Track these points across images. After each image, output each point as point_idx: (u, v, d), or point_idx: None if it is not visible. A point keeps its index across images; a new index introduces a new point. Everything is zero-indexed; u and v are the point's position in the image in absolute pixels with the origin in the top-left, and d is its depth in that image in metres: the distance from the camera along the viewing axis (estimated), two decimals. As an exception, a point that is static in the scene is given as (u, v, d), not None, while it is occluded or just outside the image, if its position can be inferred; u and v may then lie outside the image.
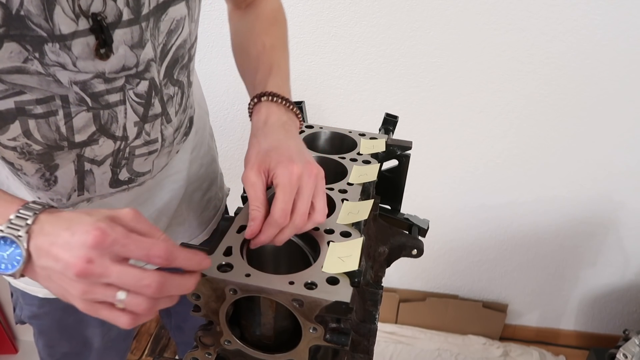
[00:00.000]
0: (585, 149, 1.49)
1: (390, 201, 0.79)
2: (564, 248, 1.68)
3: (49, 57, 0.50)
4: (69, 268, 0.42)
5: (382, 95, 1.47)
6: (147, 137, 0.64)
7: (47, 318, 0.84)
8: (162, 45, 0.59)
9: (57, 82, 0.53)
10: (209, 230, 0.89)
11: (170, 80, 0.63)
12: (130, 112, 0.60)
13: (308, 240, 0.56)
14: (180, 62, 0.63)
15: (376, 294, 0.61)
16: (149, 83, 0.59)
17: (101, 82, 0.55)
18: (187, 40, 0.62)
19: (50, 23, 0.48)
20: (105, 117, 0.58)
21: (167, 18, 0.57)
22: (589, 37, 1.32)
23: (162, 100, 0.63)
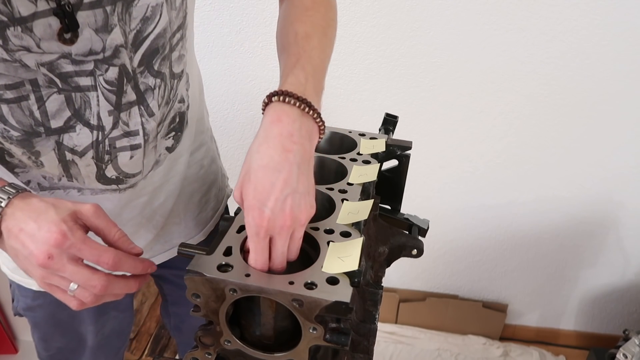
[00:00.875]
0: (585, 149, 1.49)
1: (390, 201, 0.79)
2: (564, 248, 1.68)
3: (13, 42, 0.50)
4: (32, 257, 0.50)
5: (382, 95, 1.47)
6: (125, 128, 0.62)
7: (41, 311, 0.84)
8: (135, 32, 0.57)
9: (24, 67, 0.53)
10: (206, 232, 0.89)
11: (149, 70, 0.61)
12: (102, 99, 0.59)
13: (308, 240, 0.56)
14: (161, 53, 0.61)
15: (376, 294, 0.61)
16: (119, 70, 0.58)
17: (68, 63, 0.55)
18: (166, 29, 0.59)
19: (8, 6, 0.48)
20: (78, 102, 0.58)
21: (139, 4, 0.55)
22: (589, 37, 1.32)
23: (137, 88, 0.60)
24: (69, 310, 0.83)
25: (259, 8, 1.36)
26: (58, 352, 0.91)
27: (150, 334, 1.76)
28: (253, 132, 1.55)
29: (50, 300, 0.82)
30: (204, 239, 0.88)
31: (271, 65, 1.44)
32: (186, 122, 0.74)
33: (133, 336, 1.71)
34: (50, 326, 0.87)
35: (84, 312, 0.85)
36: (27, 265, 0.53)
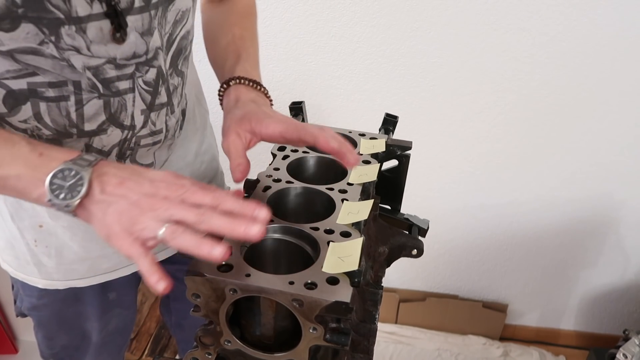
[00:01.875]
0: (585, 149, 1.49)
1: (390, 201, 0.79)
2: (564, 248, 1.68)
3: (65, 41, 0.52)
4: (136, 188, 0.46)
5: (382, 95, 1.47)
6: (152, 127, 0.66)
7: (47, 309, 0.84)
8: (168, 35, 0.61)
9: (71, 67, 0.54)
10: None
11: (175, 70, 0.65)
12: (138, 100, 0.62)
13: (308, 240, 0.56)
14: (184, 53, 0.66)
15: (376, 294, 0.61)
16: (156, 71, 0.61)
17: (112, 68, 0.57)
18: (190, 31, 0.65)
19: (67, 4, 0.50)
20: (115, 106, 0.60)
21: (173, 8, 0.60)
22: (589, 37, 1.32)
23: (168, 89, 0.65)
24: (75, 307, 0.84)
25: (259, 8, 1.35)
26: (62, 350, 0.92)
27: (150, 334, 1.76)
28: (253, 132, 1.55)
29: (55, 298, 0.82)
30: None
31: (270, 65, 1.44)
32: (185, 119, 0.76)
33: (133, 336, 1.71)
34: (55, 324, 0.87)
35: (89, 310, 0.86)
36: (133, 211, 0.45)
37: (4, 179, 0.49)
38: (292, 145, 0.68)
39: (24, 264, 0.78)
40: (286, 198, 0.64)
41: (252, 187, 0.64)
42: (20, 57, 0.52)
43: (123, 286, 0.86)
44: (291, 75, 1.45)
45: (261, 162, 0.64)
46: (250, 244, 0.55)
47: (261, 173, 0.67)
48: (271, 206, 0.60)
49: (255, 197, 0.62)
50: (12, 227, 0.74)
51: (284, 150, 0.72)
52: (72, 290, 0.81)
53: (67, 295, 0.82)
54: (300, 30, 1.38)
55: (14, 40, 0.50)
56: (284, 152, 0.72)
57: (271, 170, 0.68)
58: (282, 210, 0.63)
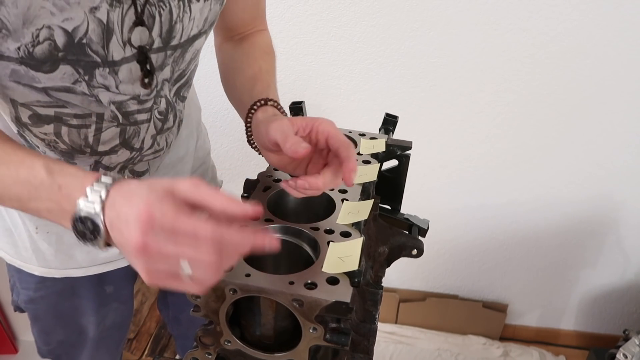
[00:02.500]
0: (586, 149, 1.49)
1: (390, 201, 0.79)
2: (564, 248, 1.68)
3: (97, 80, 0.56)
4: (128, 244, 0.42)
5: (382, 95, 1.47)
6: (157, 147, 0.70)
7: (43, 302, 0.85)
8: (180, 71, 0.66)
9: (98, 102, 0.59)
10: None
11: (178, 97, 0.70)
12: (151, 127, 0.66)
13: (308, 240, 0.56)
14: (188, 83, 0.71)
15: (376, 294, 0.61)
16: (165, 101, 0.66)
17: (135, 104, 0.62)
18: (197, 65, 0.70)
19: (105, 50, 0.54)
20: (130, 132, 0.65)
21: (191, 49, 0.64)
22: (589, 37, 1.32)
23: (176, 116, 0.70)
24: (71, 302, 0.85)
25: (259, 8, 1.35)
26: (58, 346, 0.92)
27: (150, 334, 1.76)
28: (253, 132, 1.55)
29: (52, 290, 0.83)
30: None
31: (271, 65, 1.44)
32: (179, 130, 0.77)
33: (133, 336, 1.71)
34: (52, 318, 0.88)
35: (85, 304, 0.86)
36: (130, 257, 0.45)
37: (37, 212, 0.49)
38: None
39: (22, 251, 0.79)
40: (286, 198, 0.65)
41: (252, 187, 0.64)
42: (53, 94, 0.56)
43: (120, 279, 0.87)
44: (291, 75, 1.45)
45: (261, 162, 0.63)
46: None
47: (261, 173, 0.67)
48: (271, 206, 0.61)
49: (255, 197, 0.62)
50: (12, 215, 0.76)
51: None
52: (68, 282, 0.82)
53: (63, 288, 0.83)
54: (300, 30, 1.38)
55: (51, 79, 0.54)
56: (284, 152, 0.72)
57: (271, 170, 0.68)
58: (282, 210, 0.63)
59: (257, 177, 0.66)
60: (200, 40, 0.65)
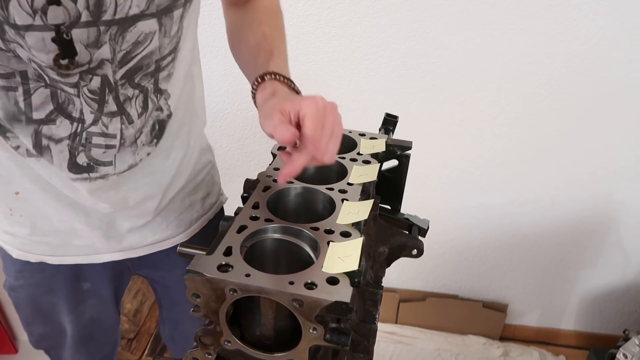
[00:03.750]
0: (586, 149, 1.49)
1: (390, 201, 0.79)
2: (564, 248, 1.68)
3: (9, 35, 0.53)
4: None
5: (382, 95, 1.47)
6: (104, 129, 0.66)
7: (23, 292, 0.86)
8: (124, 52, 0.62)
9: (17, 58, 0.56)
10: (189, 233, 0.89)
11: (129, 83, 0.65)
12: (84, 104, 0.63)
13: (308, 240, 0.56)
14: (145, 70, 0.66)
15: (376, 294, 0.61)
16: (101, 79, 0.61)
17: (54, 74, 0.58)
18: (154, 52, 0.65)
19: (5, 11, 0.51)
20: (62, 97, 0.61)
21: (135, 30, 0.60)
22: (589, 37, 1.32)
23: (118, 99, 0.65)
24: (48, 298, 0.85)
25: (259, 8, 1.36)
26: (41, 339, 0.93)
27: (150, 334, 1.76)
28: (253, 132, 1.55)
29: (30, 282, 0.84)
30: (187, 240, 0.89)
31: (271, 65, 1.44)
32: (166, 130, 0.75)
33: (133, 336, 1.71)
34: (31, 310, 0.89)
35: (62, 302, 0.86)
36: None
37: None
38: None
39: (1, 232, 0.80)
40: (286, 198, 0.65)
41: (252, 187, 0.64)
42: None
43: (97, 278, 0.87)
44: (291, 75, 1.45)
45: (261, 162, 0.63)
46: (251, 244, 0.55)
47: (261, 173, 0.67)
48: (271, 206, 0.61)
49: (255, 198, 0.62)
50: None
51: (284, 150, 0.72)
52: (46, 275, 0.82)
53: (41, 280, 0.83)
54: (300, 30, 1.38)
55: None
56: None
57: (271, 170, 0.68)
58: (282, 210, 0.63)
59: (257, 177, 0.66)
60: (145, 23, 0.60)
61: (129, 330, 1.69)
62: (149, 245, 0.85)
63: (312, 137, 0.55)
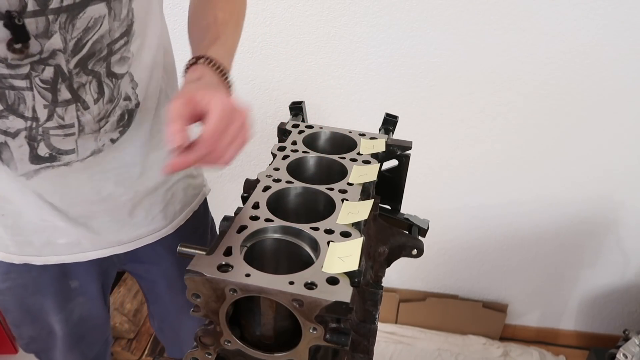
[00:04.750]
0: (586, 149, 1.49)
1: (390, 201, 0.79)
2: (564, 248, 1.68)
3: None
4: None
5: (382, 95, 1.47)
6: (61, 121, 0.65)
7: (10, 294, 0.85)
8: (76, 40, 0.61)
9: None
10: (175, 226, 0.89)
11: (84, 70, 0.64)
12: (38, 97, 0.62)
13: (308, 240, 0.56)
14: (97, 55, 0.65)
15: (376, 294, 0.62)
16: (54, 69, 0.61)
17: (4, 67, 0.57)
18: (105, 35, 0.64)
19: None
20: (12, 98, 0.61)
21: (84, 16, 0.59)
22: (589, 37, 1.32)
23: (72, 87, 0.64)
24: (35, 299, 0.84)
25: (259, 8, 1.36)
26: (31, 342, 0.92)
27: (150, 334, 1.76)
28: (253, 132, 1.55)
29: (17, 283, 0.83)
30: (173, 232, 0.88)
31: (271, 65, 1.44)
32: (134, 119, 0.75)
33: (133, 336, 1.71)
34: (19, 312, 0.88)
35: (50, 302, 0.86)
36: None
37: None
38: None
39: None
40: (286, 198, 0.65)
41: (252, 187, 0.64)
42: None
43: (83, 275, 0.86)
44: (291, 75, 1.45)
45: (261, 162, 0.63)
46: (251, 244, 0.55)
47: (261, 173, 0.67)
48: (271, 206, 0.61)
49: (255, 198, 0.62)
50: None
51: (284, 150, 0.72)
52: (32, 275, 0.81)
53: (27, 282, 0.82)
54: (300, 30, 1.38)
55: None
56: (284, 152, 0.72)
57: (271, 170, 0.68)
58: (282, 210, 0.63)
59: (257, 177, 0.66)
60: (94, 8, 0.59)
61: (129, 330, 1.69)
62: (135, 240, 0.85)
63: (209, 139, 0.54)
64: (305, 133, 0.77)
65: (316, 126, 0.79)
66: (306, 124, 0.79)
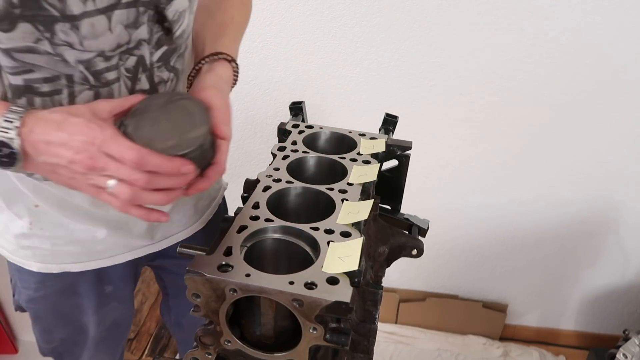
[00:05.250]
0: (585, 149, 1.49)
1: (390, 201, 0.79)
2: (564, 248, 1.68)
3: (59, 37, 0.54)
4: (74, 163, 0.51)
5: (382, 95, 1.47)
6: None
7: (43, 302, 0.84)
8: (160, 33, 0.64)
9: (64, 62, 0.57)
10: (204, 220, 0.90)
11: (165, 65, 0.67)
12: (123, 87, 0.64)
13: (308, 240, 0.56)
14: (178, 51, 0.68)
15: (376, 294, 0.62)
16: (136, 59, 0.63)
17: (102, 60, 0.60)
18: (185, 30, 0.67)
19: (62, 3, 0.52)
20: (104, 95, 0.63)
21: (170, 9, 0.62)
22: (588, 37, 1.32)
23: (152, 79, 0.67)
24: (71, 301, 0.85)
25: (259, 8, 1.36)
26: (61, 344, 0.92)
27: (150, 334, 1.76)
28: (253, 132, 1.55)
29: (52, 290, 0.82)
30: (203, 227, 0.90)
31: (271, 65, 1.44)
32: None
33: (133, 336, 1.71)
34: (53, 317, 0.87)
35: (86, 303, 0.86)
36: (69, 174, 0.53)
37: None
38: None
39: (19, 248, 0.78)
40: (286, 198, 0.65)
41: (252, 187, 0.64)
42: (17, 56, 0.55)
43: (119, 279, 0.86)
44: (291, 75, 1.45)
45: (261, 162, 0.64)
46: (251, 244, 0.56)
47: (261, 173, 0.67)
48: (271, 206, 0.61)
49: (255, 198, 0.62)
50: (7, 213, 0.75)
51: (284, 150, 0.73)
52: (68, 281, 0.81)
53: (63, 287, 0.82)
54: (300, 30, 1.38)
55: (12, 40, 0.53)
56: (284, 152, 0.72)
57: (271, 170, 0.68)
58: (282, 210, 0.63)
59: (257, 177, 0.66)
60: (178, 1, 0.63)
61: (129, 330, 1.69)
62: (168, 237, 0.86)
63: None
64: (305, 133, 0.77)
65: (316, 126, 0.79)
66: (306, 124, 0.79)
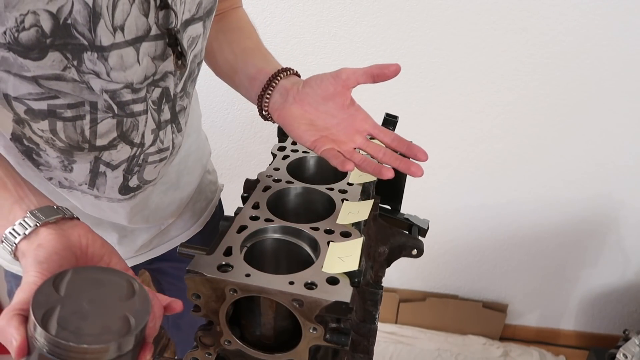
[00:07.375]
0: (586, 149, 1.49)
1: (390, 201, 0.79)
2: (564, 248, 1.68)
3: (86, 65, 0.54)
4: None
5: (382, 95, 1.47)
6: (160, 145, 0.68)
7: None
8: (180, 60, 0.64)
9: (90, 89, 0.56)
10: (202, 223, 0.90)
11: (185, 92, 0.67)
12: (150, 120, 0.64)
13: (308, 240, 0.56)
14: (192, 76, 0.68)
15: (376, 294, 0.62)
16: (162, 90, 0.63)
17: (129, 92, 0.59)
18: (198, 55, 0.67)
19: (92, 34, 0.52)
20: (127, 125, 0.62)
21: (186, 35, 0.62)
22: (589, 37, 1.32)
23: (174, 108, 0.66)
24: None
25: (259, 8, 1.36)
26: None
27: (150, 334, 1.76)
28: (253, 132, 1.55)
29: None
30: (201, 229, 0.90)
31: (271, 65, 1.44)
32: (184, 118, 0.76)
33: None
34: None
35: None
36: None
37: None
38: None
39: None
40: (286, 198, 0.65)
41: (252, 187, 0.64)
42: (43, 83, 0.54)
43: None
44: (291, 75, 1.45)
45: (261, 162, 0.64)
46: (251, 244, 0.56)
47: (261, 173, 0.67)
48: (271, 206, 0.61)
49: (255, 198, 0.62)
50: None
51: (284, 150, 0.73)
52: None
53: None
54: (300, 30, 1.38)
55: (40, 67, 0.52)
56: (284, 152, 0.72)
57: (271, 170, 0.68)
58: (282, 210, 0.63)
59: (257, 177, 0.66)
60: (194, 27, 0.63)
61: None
62: (168, 242, 0.86)
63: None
64: (305, 133, 0.76)
65: (316, 126, 0.78)
66: (306, 124, 0.79)
